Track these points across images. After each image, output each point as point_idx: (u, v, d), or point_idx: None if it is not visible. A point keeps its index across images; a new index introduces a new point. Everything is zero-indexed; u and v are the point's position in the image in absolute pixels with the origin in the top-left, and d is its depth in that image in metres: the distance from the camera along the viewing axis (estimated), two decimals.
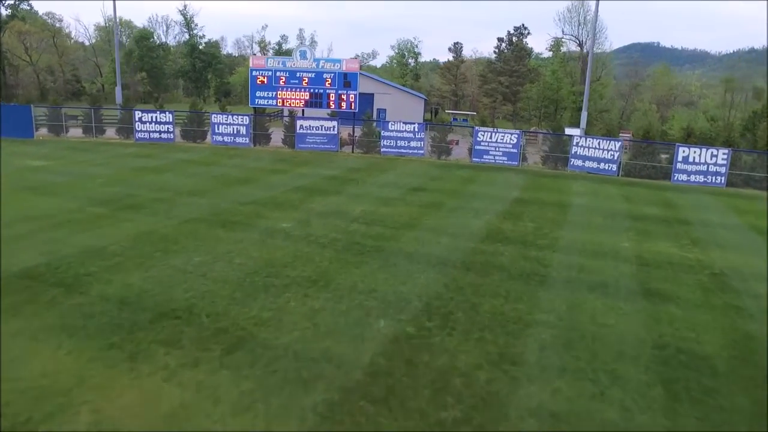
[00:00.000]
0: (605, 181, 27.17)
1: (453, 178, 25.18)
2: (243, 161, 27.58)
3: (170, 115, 32.94)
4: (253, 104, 32.51)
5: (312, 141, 31.87)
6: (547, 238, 15.91)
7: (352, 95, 31.31)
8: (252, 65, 32.04)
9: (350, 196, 20.06)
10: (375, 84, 57.77)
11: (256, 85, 32.05)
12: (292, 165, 26.91)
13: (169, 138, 33.14)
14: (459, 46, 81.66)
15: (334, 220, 16.60)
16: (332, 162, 28.53)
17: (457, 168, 28.65)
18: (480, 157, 30.10)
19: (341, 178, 23.88)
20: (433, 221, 17.02)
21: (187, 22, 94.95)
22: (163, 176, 22.71)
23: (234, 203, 18.28)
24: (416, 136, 30.63)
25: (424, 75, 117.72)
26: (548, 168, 30.48)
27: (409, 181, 23.84)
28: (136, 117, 33.07)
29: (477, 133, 29.97)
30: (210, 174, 23.55)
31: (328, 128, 31.64)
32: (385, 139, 31.08)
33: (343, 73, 31.15)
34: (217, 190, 20.37)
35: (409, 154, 30.88)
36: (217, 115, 32.70)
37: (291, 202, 18.69)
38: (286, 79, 31.59)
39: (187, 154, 29.35)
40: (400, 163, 29.19)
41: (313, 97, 31.62)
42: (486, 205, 19.56)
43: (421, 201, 19.83)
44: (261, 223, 15.88)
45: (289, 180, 22.80)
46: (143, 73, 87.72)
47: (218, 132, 32.66)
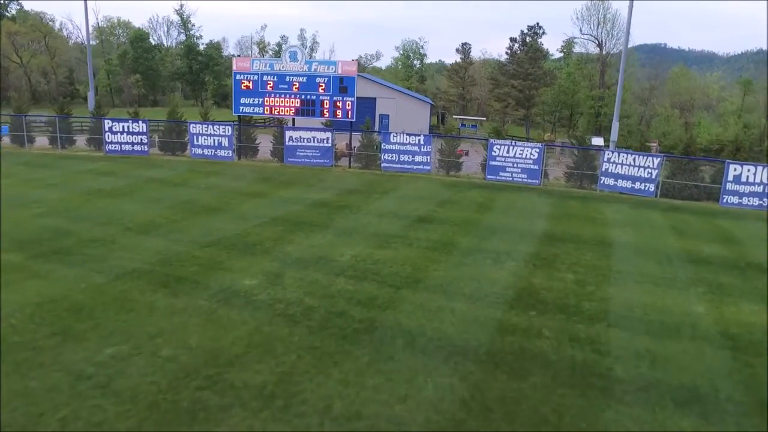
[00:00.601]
0: (643, 205, 23.19)
1: (465, 203, 21.25)
2: (220, 180, 23.74)
3: (144, 125, 29.16)
4: (236, 112, 28.71)
5: (303, 155, 28.02)
6: (595, 298, 12.06)
7: (348, 102, 27.47)
8: (235, 68, 28.25)
9: (339, 233, 16.17)
10: (377, 88, 53.91)
11: (240, 91, 28.25)
12: (275, 186, 23.04)
13: (142, 151, 29.35)
14: (467, 46, 77.62)
15: (315, 272, 12.73)
16: (323, 181, 24.64)
17: (469, 187, 24.72)
18: (495, 174, 26.17)
19: (332, 204, 20.00)
20: (443, 272, 13.14)
21: (184, 22, 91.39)
22: (119, 203, 18.89)
23: (192, 244, 14.46)
24: (422, 149, 26.73)
25: (430, 77, 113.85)
26: (574, 186, 26.52)
27: (414, 207, 19.94)
28: (105, 127, 29.32)
29: (492, 147, 26.05)
30: (176, 199, 19.72)
31: (321, 140, 27.78)
32: (386, 152, 27.18)
33: (338, 77, 27.30)
34: (178, 223, 16.53)
35: (413, 171, 26.98)
36: (196, 124, 28.87)
37: (263, 243, 14.82)
38: (274, 84, 27.78)
39: (159, 171, 25.53)
40: (403, 182, 25.28)
41: (304, 104, 27.80)
42: (509, 245, 15.65)
43: (428, 239, 15.93)
44: (217, 279, 12.05)
45: (268, 207, 18.94)
46: (137, 75, 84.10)
47: (197, 144, 28.86)
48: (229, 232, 15.79)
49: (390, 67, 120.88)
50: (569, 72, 58.74)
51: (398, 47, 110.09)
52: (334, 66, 27.45)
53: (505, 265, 13.99)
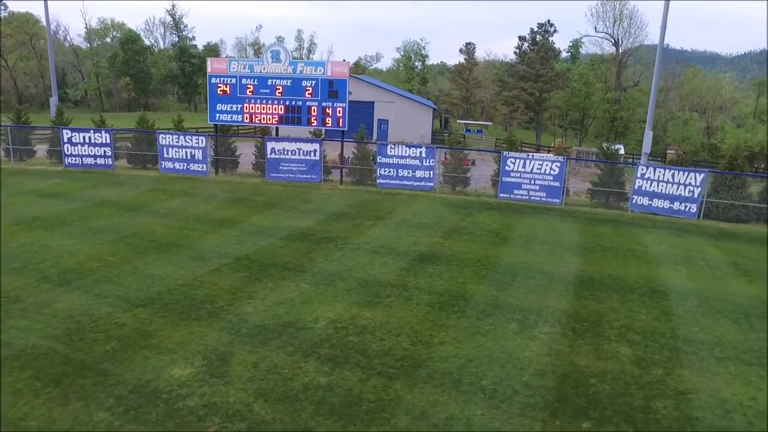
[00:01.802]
0: (687, 230, 19.58)
1: (477, 231, 17.64)
2: (186, 202, 20.16)
3: (108, 136, 25.61)
4: (212, 120, 25.17)
5: (286, 169, 24.44)
6: (669, 392, 8.64)
7: (339, 108, 23.91)
8: (210, 70, 24.72)
9: (318, 280, 12.58)
10: (376, 91, 50.35)
11: (215, 96, 24.71)
12: (250, 209, 19.45)
13: (106, 164, 25.81)
14: (471, 47, 73.98)
15: (276, 350, 9.18)
16: (309, 202, 21.04)
17: (479, 209, 21.10)
18: (509, 192, 22.56)
19: (314, 235, 16.40)
20: (453, 348, 9.59)
21: (176, 22, 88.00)
22: (50, 237, 15.33)
23: (119, 303, 10.93)
24: (424, 163, 23.13)
25: (432, 79, 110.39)
26: (599, 206, 22.89)
27: (414, 239, 16.34)
28: (64, 137, 25.78)
29: (505, 161, 22.43)
30: (123, 230, 16.15)
31: (308, 152, 24.21)
32: (382, 167, 23.58)
33: (327, 80, 23.75)
34: (113, 267, 12.96)
35: (414, 188, 23.39)
36: (165, 134, 25.29)
37: (215, 300, 11.25)
38: (255, 88, 24.23)
39: (117, 190, 21.96)
40: (401, 202, 21.68)
41: (289, 110, 24.25)
42: (537, 298, 12.06)
43: (432, 289, 12.34)
44: (136, 366, 8.54)
45: (234, 242, 15.35)
46: (127, 78, 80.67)
47: (167, 157, 25.31)
48: (174, 281, 12.21)
49: (391, 69, 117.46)
50: (581, 73, 55.05)
51: (399, 48, 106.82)
52: (323, 67, 23.89)
53: (536, 332, 10.40)
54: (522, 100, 52.01)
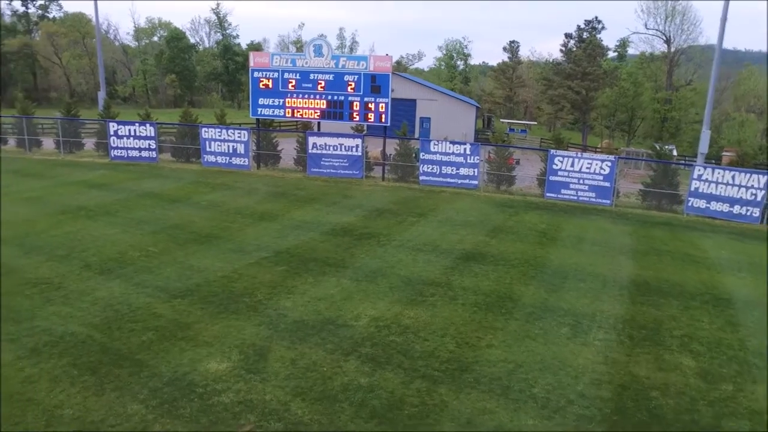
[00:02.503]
0: (749, 236, 18.46)
1: (523, 231, 16.95)
2: (227, 195, 20.06)
3: (152, 129, 25.84)
4: (254, 114, 25.09)
5: (328, 164, 24.16)
6: (741, 411, 8.01)
7: (382, 104, 23.49)
8: (252, 64, 24.64)
9: (360, 277, 12.17)
10: (418, 88, 49.80)
11: (258, 90, 24.61)
12: (291, 203, 19.20)
13: (150, 157, 26.04)
14: (515, 45, 72.57)
15: (315, 347, 8.80)
16: (350, 197, 20.69)
17: (525, 208, 20.38)
18: (556, 191, 21.74)
19: (356, 230, 16.01)
20: (501, 352, 9.05)
21: (220, 20, 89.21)
22: (94, 226, 15.39)
23: (158, 293, 10.75)
24: (468, 160, 22.50)
25: (474, 79, 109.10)
26: (651, 208, 21.85)
27: (458, 237, 15.78)
28: (110, 130, 26.13)
29: (553, 159, 21.63)
30: (165, 221, 16.09)
31: (350, 147, 23.87)
32: (425, 163, 23.05)
33: (370, 75, 23.37)
34: (153, 257, 12.84)
35: (457, 186, 22.78)
36: (208, 128, 25.34)
37: (254, 293, 10.97)
38: (297, 83, 24.03)
39: (160, 182, 22.07)
40: (444, 200, 21.13)
41: (331, 105, 23.96)
42: (590, 302, 11.38)
43: (478, 288, 11.78)
44: (172, 358, 8.31)
45: (275, 235, 15.09)
46: (173, 76, 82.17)
47: (210, 150, 25.35)
48: (213, 273, 11.99)
49: (432, 68, 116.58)
50: (630, 71, 53.10)
51: (441, 47, 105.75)
52: (365, 61, 23.51)
53: (590, 338, 9.75)
54: (568, 99, 50.39)
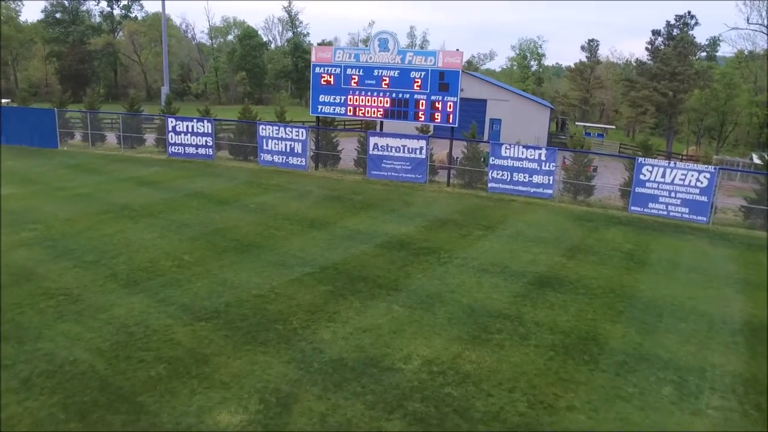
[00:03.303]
0: None
1: (606, 251, 14.67)
2: (279, 198, 18.76)
3: (210, 125, 25.02)
4: (314, 112, 23.80)
5: (389, 167, 22.51)
6: None
7: (450, 103, 21.63)
8: (314, 59, 23.35)
9: (414, 301, 10.42)
10: (489, 88, 47.43)
11: (319, 86, 23.29)
12: (346, 209, 17.66)
13: (207, 154, 25.24)
14: (594, 44, 68.59)
15: (352, 397, 7.12)
16: (411, 204, 18.93)
17: (606, 223, 18.00)
18: (643, 205, 19.21)
19: (413, 244, 14.25)
20: (586, 419, 7.14)
21: (291, 19, 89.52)
22: (133, 228, 14.39)
23: (181, 313, 9.42)
24: (543, 167, 20.27)
25: (547, 80, 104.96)
26: (756, 227, 18.91)
27: (531, 257, 13.73)
28: (169, 126, 25.53)
29: (640, 169, 19.09)
30: (208, 225, 14.90)
31: (414, 150, 22.11)
32: (494, 169, 20.98)
33: (438, 72, 21.56)
34: (186, 268, 11.57)
35: (529, 195, 20.59)
36: (266, 126, 24.23)
37: (289, 319, 9.43)
38: (360, 79, 22.53)
39: (212, 181, 21.08)
40: (515, 211, 19.03)
41: (395, 104, 22.32)
42: (694, 349, 9.20)
43: (554, 325, 9.79)
44: (178, 403, 6.83)
45: (323, 246, 13.56)
46: (243, 73, 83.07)
47: (267, 149, 24.25)
48: (247, 290, 10.55)
49: (504, 69, 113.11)
50: (724, 72, 48.52)
51: (514, 46, 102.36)
52: (434, 57, 21.69)
53: (701, 403, 7.63)
54: (653, 101, 46.29)
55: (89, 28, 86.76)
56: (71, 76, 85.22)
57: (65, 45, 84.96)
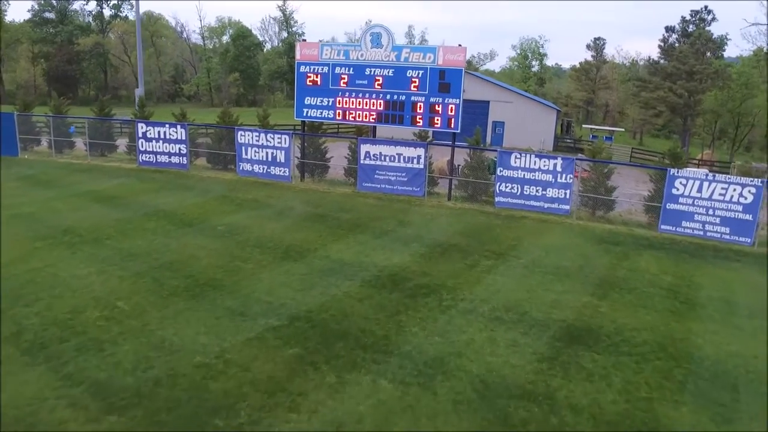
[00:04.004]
0: None
1: (643, 287, 12.08)
2: (253, 218, 16.17)
3: (183, 131, 22.41)
4: (299, 116, 21.22)
5: (384, 178, 19.93)
6: None
7: (451, 105, 19.09)
8: (299, 57, 20.81)
9: (408, 373, 7.84)
10: (491, 89, 44.86)
11: (304, 87, 20.74)
12: (330, 231, 15.06)
13: (180, 164, 22.65)
14: (600, 42, 65.98)
15: None
16: (407, 224, 16.33)
17: (635, 246, 15.41)
18: (675, 224, 16.64)
19: (409, 279, 11.65)
20: None
21: (286, 18, 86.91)
22: (68, 261, 11.81)
23: (77, 410, 6.81)
24: (559, 179, 17.69)
25: (548, 80, 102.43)
26: None
27: (553, 297, 11.13)
28: (139, 132, 22.94)
29: (673, 182, 16.51)
30: (160, 256, 12.32)
31: (410, 159, 19.53)
32: (503, 181, 18.37)
33: (438, 70, 19.02)
34: (110, 324, 9.00)
35: (543, 210, 18.01)
36: (245, 132, 21.59)
37: (237, 406, 6.88)
38: (350, 79, 19.97)
39: (182, 196, 18.51)
40: (528, 231, 16.45)
41: (390, 107, 19.77)
42: None
43: (597, 410, 7.23)
44: None
45: (296, 285, 10.97)
46: (236, 74, 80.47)
47: (246, 158, 21.64)
48: (188, 359, 7.96)
49: (504, 69, 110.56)
50: (740, 71, 45.89)
51: (515, 46, 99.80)
52: (433, 54, 19.12)
53: None
54: (667, 102, 43.45)
55: (78, 28, 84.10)
56: (59, 77, 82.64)
57: (53, 45, 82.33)
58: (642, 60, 62.49)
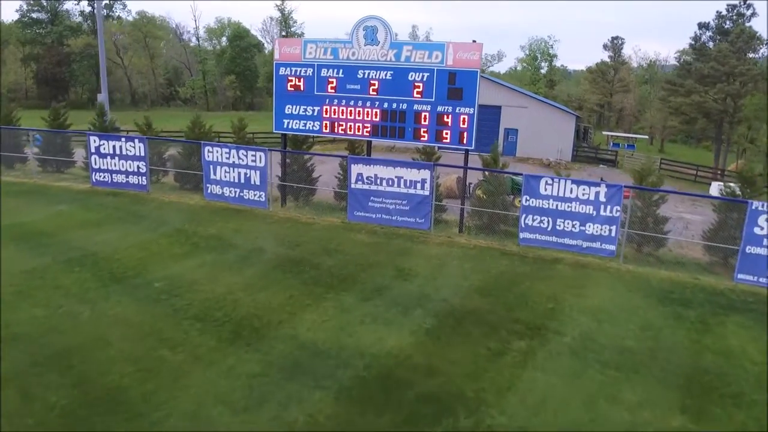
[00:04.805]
0: None
1: (748, 392, 8.28)
2: (209, 264, 12.43)
3: (142, 146, 18.72)
4: (279, 128, 17.56)
5: (379, 207, 16.17)
6: None
7: (464, 116, 15.39)
8: (277, 56, 17.17)
9: None
10: (504, 92, 41.02)
11: (284, 93, 17.10)
12: (305, 290, 11.27)
13: (139, 184, 19.00)
14: (619, 42, 62.01)
15: None
16: (407, 276, 12.53)
17: (712, 309, 11.59)
18: (759, 273, 12.81)
19: (406, 379, 7.90)
20: None
21: (285, 18, 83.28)
22: None
23: None
24: (602, 211, 13.88)
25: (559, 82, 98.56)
26: None
27: (629, 418, 7.35)
28: (91, 146, 19.29)
29: (756, 219, 12.67)
30: (49, 345, 8.61)
31: (413, 183, 15.76)
32: (529, 213, 14.55)
33: (447, 72, 15.33)
34: None
35: (581, 251, 14.20)
36: (213, 147, 17.88)
37: None
38: (339, 83, 16.32)
39: (129, 230, 14.82)
40: (566, 283, 12.66)
41: (388, 117, 16.10)
42: None
43: None
44: None
45: (240, 394, 7.24)
46: (232, 77, 76.90)
47: (214, 178, 17.93)
48: None
49: (511, 71, 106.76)
50: None
51: (524, 47, 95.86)
52: (441, 52, 15.39)
53: None
54: (703, 108, 39.10)
55: (68, 29, 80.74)
56: (48, 80, 79.32)
57: (42, 47, 79.05)
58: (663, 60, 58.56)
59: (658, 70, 67.87)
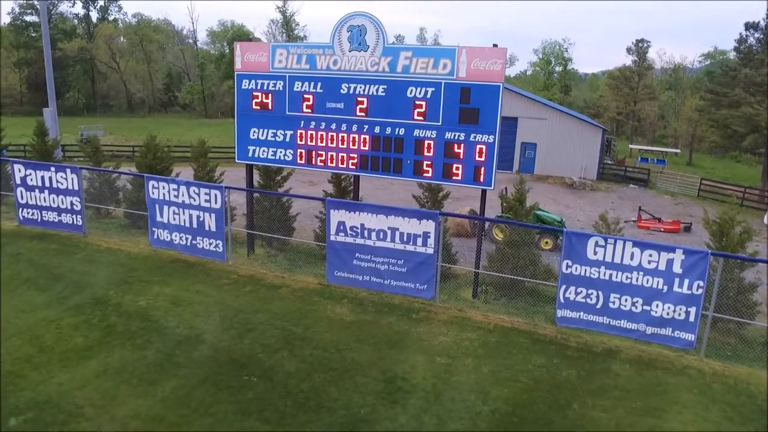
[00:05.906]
0: None
1: None
2: (108, 376, 8.61)
3: (75, 178, 14.95)
4: (242, 157, 13.76)
5: (368, 267, 12.23)
6: None
7: (481, 146, 11.56)
8: (239, 66, 13.41)
9: None
10: (520, 102, 36.96)
11: (248, 112, 13.33)
12: (248, 423, 7.41)
13: (74, 224, 15.27)
14: (644, 45, 57.77)
15: None
16: (402, 387, 8.64)
17: None
18: None
19: None
20: None
21: (286, 20, 79.64)
22: None
23: None
24: (676, 286, 9.87)
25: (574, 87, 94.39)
26: None
27: None
28: (16, 176, 15.57)
29: None
30: None
31: (412, 238, 11.82)
32: (571, 283, 10.55)
33: (459, 87, 11.51)
34: None
35: (644, 339, 10.22)
36: (158, 182, 14.03)
37: None
38: (317, 100, 12.54)
39: (24, 302, 11.05)
40: (627, 403, 8.69)
41: (379, 146, 12.30)
42: None
43: None
44: None
45: None
46: (230, 82, 73.27)
47: (161, 221, 14.10)
48: None
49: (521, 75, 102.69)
50: None
51: (537, 50, 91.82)
52: (450, 60, 11.52)
53: None
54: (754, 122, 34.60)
55: (61, 32, 77.57)
56: (40, 85, 76.10)
57: (34, 50, 75.89)
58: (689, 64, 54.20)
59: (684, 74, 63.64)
